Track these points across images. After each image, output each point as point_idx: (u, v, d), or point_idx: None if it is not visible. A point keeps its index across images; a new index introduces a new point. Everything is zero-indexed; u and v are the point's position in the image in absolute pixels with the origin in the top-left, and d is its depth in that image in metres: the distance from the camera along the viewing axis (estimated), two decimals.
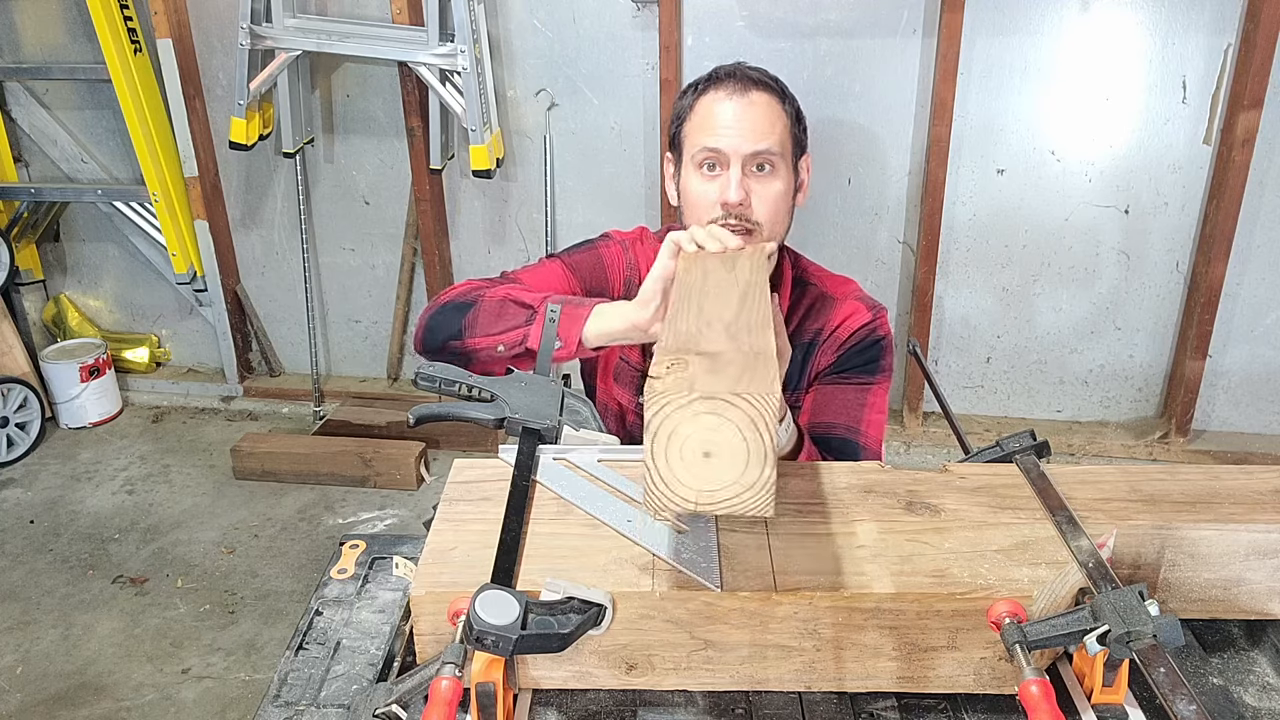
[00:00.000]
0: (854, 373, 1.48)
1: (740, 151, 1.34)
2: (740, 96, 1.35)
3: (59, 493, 3.36)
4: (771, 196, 1.36)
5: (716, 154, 1.35)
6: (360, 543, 1.29)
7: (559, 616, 0.87)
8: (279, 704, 1.03)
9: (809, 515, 1.03)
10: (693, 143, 1.38)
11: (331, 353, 3.90)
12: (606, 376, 1.58)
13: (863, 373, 1.48)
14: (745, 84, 1.36)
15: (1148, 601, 0.84)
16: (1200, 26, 2.93)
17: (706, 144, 1.35)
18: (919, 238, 3.27)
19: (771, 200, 1.37)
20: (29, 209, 3.72)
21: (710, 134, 1.35)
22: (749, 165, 1.35)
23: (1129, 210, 3.18)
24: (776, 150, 1.35)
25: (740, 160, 1.34)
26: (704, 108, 1.38)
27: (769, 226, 1.37)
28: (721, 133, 1.35)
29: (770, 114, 1.36)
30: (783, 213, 1.39)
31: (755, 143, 1.34)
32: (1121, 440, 3.41)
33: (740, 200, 1.34)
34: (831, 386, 1.48)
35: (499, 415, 1.18)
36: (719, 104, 1.36)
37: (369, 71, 3.39)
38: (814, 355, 1.49)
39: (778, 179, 1.37)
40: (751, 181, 1.35)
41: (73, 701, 2.43)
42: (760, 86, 1.36)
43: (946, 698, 0.97)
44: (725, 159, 1.35)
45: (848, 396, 1.47)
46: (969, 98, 3.09)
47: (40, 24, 3.54)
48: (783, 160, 1.37)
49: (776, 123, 1.36)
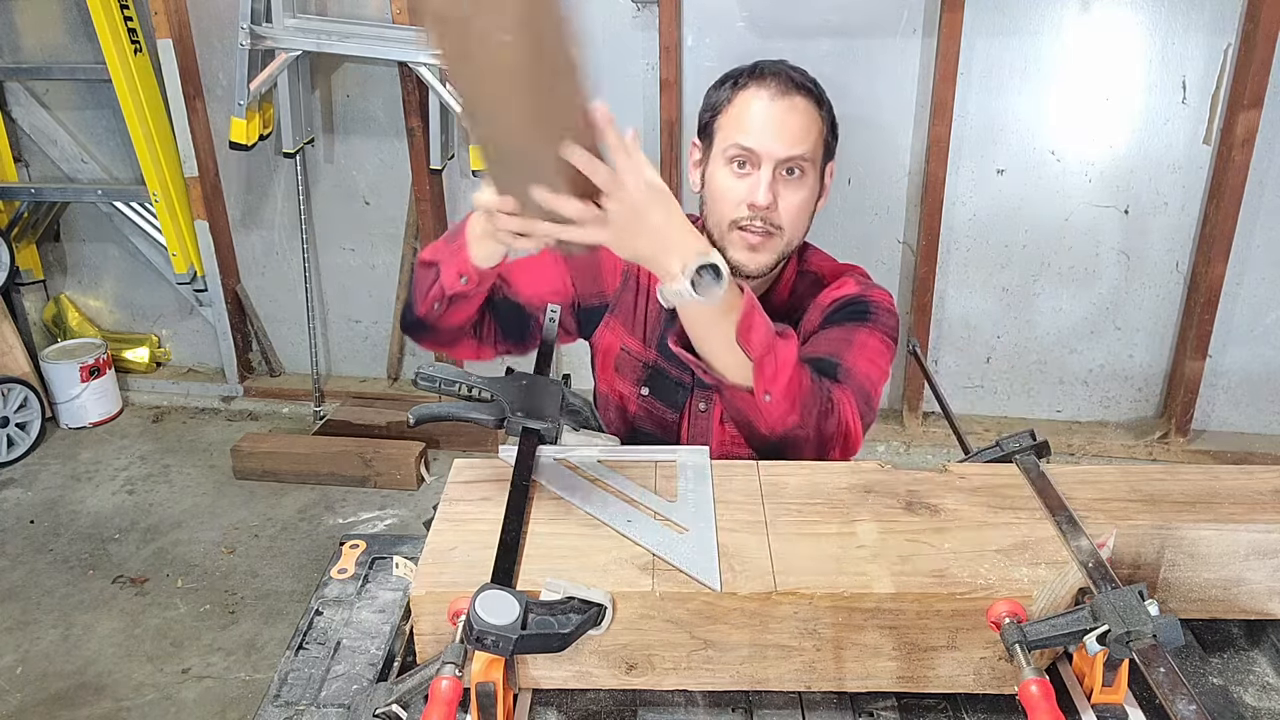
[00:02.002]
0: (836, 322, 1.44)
1: (774, 155, 1.33)
2: (782, 99, 1.34)
3: (59, 493, 3.36)
4: (797, 203, 1.37)
5: (749, 153, 1.34)
6: (360, 543, 1.29)
7: (559, 616, 0.87)
8: (279, 704, 1.03)
9: (809, 515, 1.03)
10: (725, 137, 1.37)
11: (331, 353, 3.90)
12: (607, 368, 1.57)
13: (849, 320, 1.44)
14: (788, 86, 1.35)
15: (1148, 601, 0.84)
16: (1200, 26, 2.93)
17: (741, 142, 1.34)
18: (919, 237, 3.27)
19: (796, 207, 1.37)
20: (29, 209, 3.72)
21: (746, 132, 1.34)
22: (780, 169, 1.34)
23: (1129, 210, 3.18)
24: (809, 157, 1.35)
25: (773, 163, 1.33)
26: (742, 103, 1.36)
27: (790, 231, 1.38)
28: (757, 133, 1.34)
29: (808, 120, 1.35)
30: (805, 218, 1.40)
31: (790, 148, 1.33)
32: (1121, 440, 3.41)
33: (768, 204, 1.34)
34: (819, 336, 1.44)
35: (499, 415, 1.18)
36: (758, 102, 1.35)
37: (369, 71, 3.39)
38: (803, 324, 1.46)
39: (805, 186, 1.37)
40: (780, 186, 1.35)
41: (73, 701, 2.43)
42: (802, 91, 1.35)
43: (946, 698, 0.97)
44: (757, 159, 1.34)
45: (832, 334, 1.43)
46: (969, 98, 3.09)
47: (40, 24, 3.54)
48: (812, 167, 1.37)
49: (812, 128, 1.36)
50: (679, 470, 1.11)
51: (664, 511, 1.02)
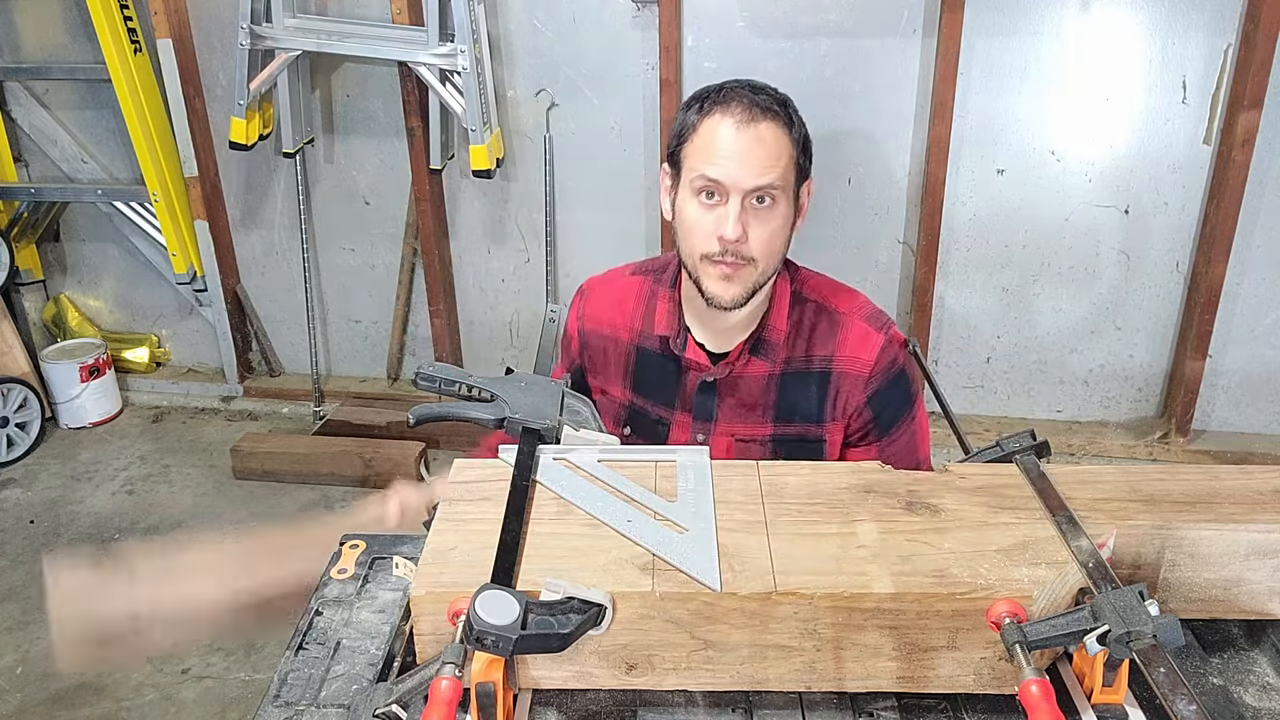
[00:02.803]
0: (899, 418, 1.47)
1: (741, 186, 1.30)
2: (748, 128, 1.30)
3: (59, 493, 3.36)
4: (768, 233, 1.33)
5: (716, 184, 1.31)
6: (360, 543, 1.29)
7: (559, 616, 0.87)
8: (279, 704, 1.03)
9: (809, 515, 1.03)
10: (692, 167, 1.34)
11: (331, 353, 3.90)
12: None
13: (903, 409, 1.46)
14: (753, 113, 1.30)
15: (1148, 601, 0.84)
16: (1200, 26, 2.93)
17: (707, 173, 1.31)
18: (919, 238, 3.27)
19: (768, 236, 1.33)
20: (29, 209, 3.72)
21: (712, 163, 1.31)
22: (749, 199, 1.31)
23: (1129, 210, 3.18)
24: (779, 184, 1.31)
25: (740, 194, 1.30)
26: (708, 131, 1.32)
27: (764, 261, 1.35)
28: (723, 163, 1.30)
29: (776, 147, 1.31)
30: (779, 245, 1.37)
31: (758, 177, 1.30)
32: (1121, 440, 3.41)
33: (737, 238, 1.30)
34: (887, 442, 1.47)
35: (499, 415, 1.18)
36: (724, 130, 1.30)
37: (369, 71, 3.39)
38: (833, 389, 1.45)
39: (776, 215, 1.33)
40: (749, 216, 1.31)
41: (73, 701, 2.43)
42: (769, 116, 1.31)
43: (946, 698, 0.97)
44: (725, 190, 1.31)
45: (901, 446, 1.47)
46: (969, 98, 3.09)
47: (40, 24, 3.54)
48: (784, 193, 1.33)
49: (782, 155, 1.32)
50: (679, 470, 1.11)
51: (664, 511, 1.02)
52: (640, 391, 1.53)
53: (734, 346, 1.46)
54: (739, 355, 1.46)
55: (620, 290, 1.56)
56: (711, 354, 1.48)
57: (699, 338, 1.48)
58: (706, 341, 1.48)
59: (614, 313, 1.55)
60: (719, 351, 1.48)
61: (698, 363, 1.47)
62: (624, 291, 1.55)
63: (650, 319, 1.51)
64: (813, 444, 1.48)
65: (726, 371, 1.46)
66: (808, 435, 1.48)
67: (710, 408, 1.48)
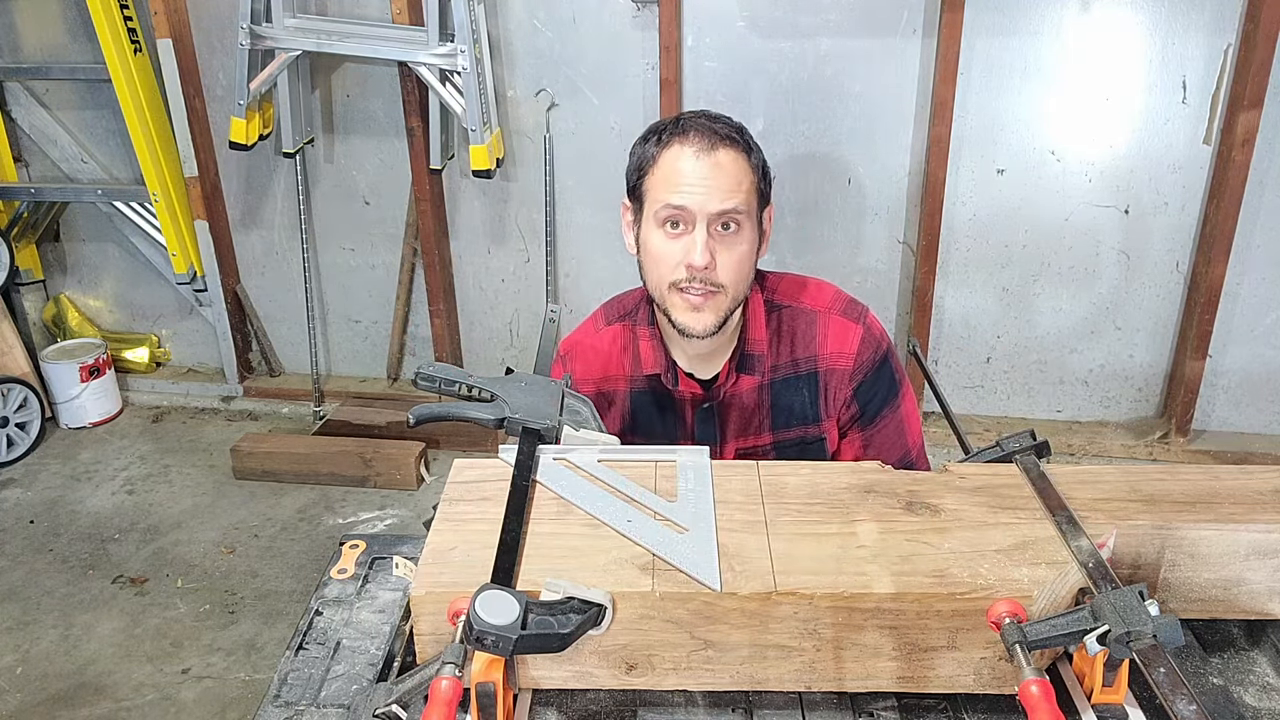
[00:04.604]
0: (883, 408, 1.48)
1: (706, 210, 1.31)
2: (707, 155, 1.31)
3: (59, 493, 3.36)
4: (736, 259, 1.34)
5: (682, 212, 1.32)
6: (360, 543, 1.29)
7: (559, 616, 0.87)
8: (279, 704, 1.03)
9: (809, 515, 1.03)
10: (655, 198, 1.34)
11: (331, 353, 3.90)
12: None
13: (887, 398, 1.48)
14: (712, 140, 1.31)
15: (1148, 601, 0.84)
16: (1200, 26, 2.93)
17: (672, 201, 1.32)
18: (919, 238, 3.27)
19: (736, 263, 1.34)
20: (29, 209, 3.72)
21: (675, 191, 1.31)
22: (714, 224, 1.32)
23: (1129, 210, 3.18)
24: (743, 209, 1.32)
25: (705, 220, 1.31)
26: (668, 162, 1.33)
27: (733, 288, 1.35)
28: (687, 191, 1.31)
29: (737, 172, 1.32)
30: (747, 270, 1.38)
31: (722, 202, 1.31)
32: (1121, 440, 3.41)
33: (705, 264, 1.31)
34: (872, 431, 1.49)
35: (499, 415, 1.18)
36: (685, 159, 1.31)
37: (369, 71, 3.39)
38: (822, 387, 1.47)
39: (742, 240, 1.35)
40: (716, 243, 1.32)
41: (73, 701, 2.43)
42: (727, 143, 1.32)
43: (946, 698, 0.97)
44: (691, 217, 1.31)
45: (889, 432, 1.49)
46: (969, 98, 3.09)
47: (40, 24, 3.54)
48: (748, 218, 1.34)
49: (743, 180, 1.33)
50: (679, 470, 1.11)
51: (664, 511, 1.02)
52: (644, 434, 1.53)
53: (720, 367, 1.48)
54: (727, 375, 1.47)
55: (604, 344, 1.55)
56: (701, 380, 1.49)
57: (685, 366, 1.49)
58: (693, 369, 1.49)
59: (604, 366, 1.54)
60: (707, 377, 1.49)
61: (693, 394, 1.48)
62: (608, 344, 1.55)
63: (637, 362, 1.51)
64: (813, 444, 1.49)
65: (720, 395, 1.48)
66: (807, 436, 1.49)
67: (713, 433, 1.50)
